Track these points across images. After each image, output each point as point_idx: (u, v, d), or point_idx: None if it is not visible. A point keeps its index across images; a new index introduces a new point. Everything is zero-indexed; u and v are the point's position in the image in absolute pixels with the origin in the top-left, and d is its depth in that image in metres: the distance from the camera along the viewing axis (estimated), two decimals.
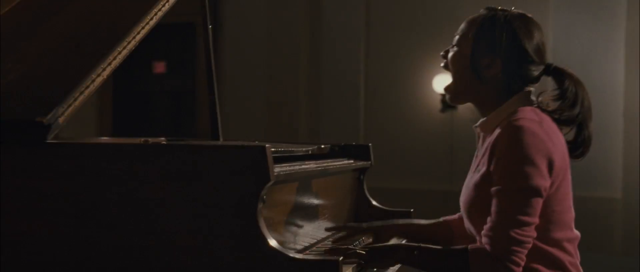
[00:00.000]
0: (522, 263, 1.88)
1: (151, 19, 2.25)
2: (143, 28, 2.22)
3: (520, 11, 2.06)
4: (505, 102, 2.02)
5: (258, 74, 7.73)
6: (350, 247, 2.04)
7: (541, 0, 7.03)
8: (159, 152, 1.86)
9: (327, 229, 2.22)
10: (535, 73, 2.04)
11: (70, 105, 1.93)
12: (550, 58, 6.92)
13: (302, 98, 7.72)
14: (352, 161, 2.69)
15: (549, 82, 2.13)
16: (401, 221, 2.34)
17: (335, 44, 7.71)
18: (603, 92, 6.87)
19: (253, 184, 1.81)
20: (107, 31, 2.18)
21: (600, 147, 6.92)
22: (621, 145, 6.78)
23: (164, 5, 2.31)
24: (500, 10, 2.06)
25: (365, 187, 2.82)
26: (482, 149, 2.04)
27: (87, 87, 2.00)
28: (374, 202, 2.80)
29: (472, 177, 2.04)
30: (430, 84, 7.42)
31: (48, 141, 1.88)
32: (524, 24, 2.02)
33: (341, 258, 1.78)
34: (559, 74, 2.07)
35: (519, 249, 1.87)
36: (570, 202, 2.00)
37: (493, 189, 1.91)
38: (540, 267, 1.95)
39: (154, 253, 1.83)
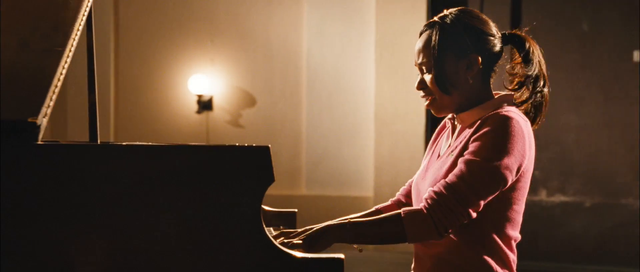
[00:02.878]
0: (451, 230, 2.10)
1: (83, 16, 2.29)
2: (80, 24, 2.25)
3: (455, 9, 2.29)
4: (487, 99, 2.25)
5: None
6: (285, 240, 2.15)
7: (295, 2, 7.53)
8: (159, 153, 1.93)
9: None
10: (498, 46, 2.27)
11: (49, 106, 1.93)
12: (304, 61, 7.45)
13: None
14: None
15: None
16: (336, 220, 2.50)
17: None
18: (355, 94, 7.55)
19: (256, 184, 1.94)
20: (50, 28, 2.17)
21: (353, 149, 7.59)
22: (372, 146, 7.47)
23: (89, 1, 2.35)
24: (439, 18, 2.27)
25: None
26: (461, 137, 2.23)
27: (56, 86, 2.00)
28: (266, 207, 2.98)
29: (443, 162, 2.22)
30: (185, 85, 7.57)
31: (39, 142, 1.87)
32: (470, 14, 2.27)
33: (344, 256, 1.98)
34: (516, 38, 2.31)
35: (457, 222, 2.09)
36: (523, 208, 2.26)
37: (461, 158, 2.12)
38: (491, 262, 2.19)
39: (153, 256, 1.90)
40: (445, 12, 2.29)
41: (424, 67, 2.28)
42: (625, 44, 6.92)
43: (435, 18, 2.29)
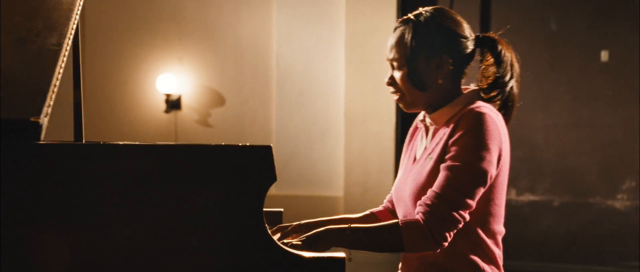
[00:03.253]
0: (450, 238, 2.16)
1: (76, 15, 2.29)
2: (74, 23, 2.25)
3: (431, 8, 2.33)
4: (456, 96, 2.31)
5: None
6: (285, 241, 2.20)
7: (264, 0, 7.53)
8: (162, 152, 1.94)
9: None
10: (471, 47, 2.33)
11: (49, 105, 1.94)
12: (273, 60, 7.44)
13: None
14: None
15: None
16: (335, 218, 2.52)
17: None
18: (325, 93, 7.57)
19: (259, 183, 1.97)
20: (46, 28, 2.17)
21: (323, 148, 7.62)
22: (342, 145, 7.50)
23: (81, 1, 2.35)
24: (414, 16, 2.32)
25: None
26: (436, 138, 2.28)
27: (55, 85, 2.01)
28: None
29: (422, 166, 2.28)
30: (153, 84, 7.54)
31: (41, 141, 1.87)
32: (445, 15, 2.31)
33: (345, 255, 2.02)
34: (489, 41, 2.36)
35: (451, 225, 2.15)
36: (505, 199, 2.32)
37: (443, 164, 2.18)
38: (477, 259, 2.26)
39: (156, 256, 1.91)
40: (421, 10, 2.33)
41: (395, 63, 2.32)
42: (593, 44, 7.05)
43: (410, 15, 2.34)
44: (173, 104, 7.50)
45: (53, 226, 1.88)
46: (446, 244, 2.17)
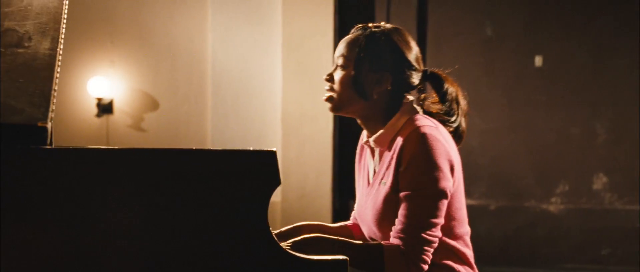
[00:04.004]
0: (430, 260, 2.29)
1: (64, 19, 2.31)
2: (63, 26, 2.27)
3: (391, 25, 2.43)
4: (392, 115, 2.38)
5: None
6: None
7: (199, 2, 7.52)
8: (168, 157, 1.97)
9: None
10: (417, 80, 2.42)
11: (52, 110, 1.95)
12: (208, 63, 7.47)
13: None
14: None
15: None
16: (313, 223, 2.61)
17: None
18: (261, 96, 7.61)
19: (265, 187, 2.03)
20: (36, 32, 2.18)
21: None
22: (279, 149, 7.55)
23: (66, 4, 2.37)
24: (374, 27, 2.41)
25: None
26: (384, 162, 2.37)
27: (55, 89, 2.02)
28: None
29: (377, 191, 2.37)
30: (84, 87, 7.44)
31: (48, 146, 1.88)
32: (401, 37, 2.40)
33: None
34: (436, 78, 2.47)
35: (429, 248, 2.27)
36: (464, 200, 2.43)
37: (402, 194, 2.27)
38: (450, 263, 2.37)
39: (162, 259, 1.94)
40: (383, 23, 2.43)
41: (340, 60, 2.40)
42: (527, 49, 7.28)
43: (371, 24, 2.43)
44: (105, 108, 7.42)
45: (61, 231, 1.89)
46: (426, 267, 2.28)
